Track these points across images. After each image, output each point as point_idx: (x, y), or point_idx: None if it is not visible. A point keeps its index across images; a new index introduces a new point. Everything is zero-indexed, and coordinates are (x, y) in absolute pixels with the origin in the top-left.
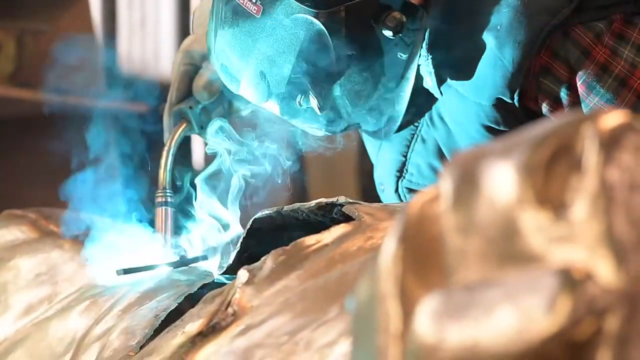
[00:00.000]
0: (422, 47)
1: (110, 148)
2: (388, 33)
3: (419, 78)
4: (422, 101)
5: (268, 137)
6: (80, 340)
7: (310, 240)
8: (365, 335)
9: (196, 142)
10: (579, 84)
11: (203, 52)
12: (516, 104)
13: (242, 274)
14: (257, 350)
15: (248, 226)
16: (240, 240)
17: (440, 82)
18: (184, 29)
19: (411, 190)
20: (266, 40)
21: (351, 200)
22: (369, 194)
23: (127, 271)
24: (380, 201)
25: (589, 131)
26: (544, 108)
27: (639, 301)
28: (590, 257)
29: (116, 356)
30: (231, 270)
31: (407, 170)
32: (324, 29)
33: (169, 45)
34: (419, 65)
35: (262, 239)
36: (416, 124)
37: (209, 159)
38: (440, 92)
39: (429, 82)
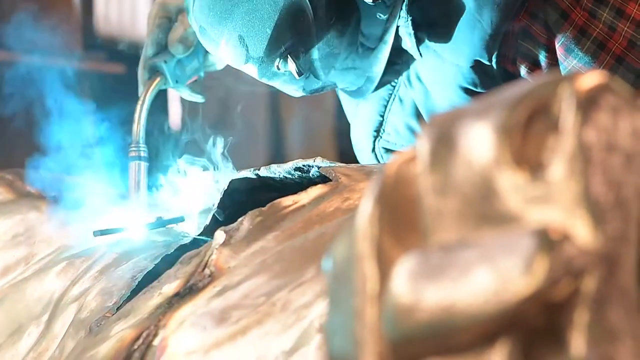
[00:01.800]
0: (401, 9)
1: (86, 108)
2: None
3: (397, 38)
4: (400, 61)
5: (244, 97)
6: (57, 301)
7: (287, 201)
8: (342, 296)
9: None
10: (557, 46)
11: (178, 5)
12: (494, 66)
13: (219, 235)
14: (233, 311)
15: (225, 187)
16: (217, 201)
17: (419, 43)
18: None
19: (388, 150)
20: (246, 4)
21: (328, 162)
22: (346, 154)
23: (104, 232)
24: (357, 162)
25: (566, 92)
26: (523, 70)
27: (615, 262)
28: (568, 218)
29: (93, 317)
30: (208, 232)
31: (384, 130)
32: None
33: (146, 5)
34: (398, 26)
35: (238, 200)
36: (393, 83)
37: (186, 117)
38: (420, 54)
39: (408, 44)
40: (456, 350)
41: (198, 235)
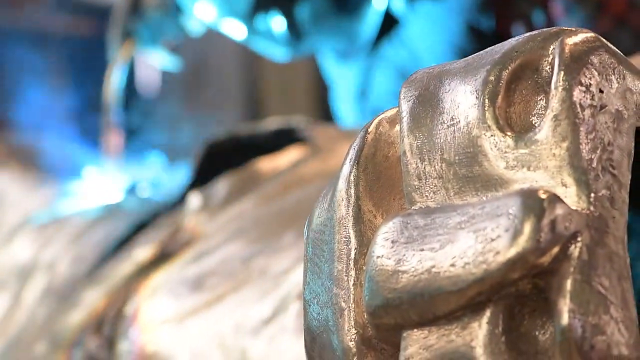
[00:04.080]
0: None
1: (57, 69)
2: None
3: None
4: (388, 23)
5: (219, 56)
6: (27, 268)
7: (265, 163)
8: (321, 263)
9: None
10: (555, 7)
11: None
12: (489, 29)
13: (194, 198)
14: (209, 277)
15: (202, 151)
16: (194, 164)
17: (410, 4)
18: None
19: (371, 113)
20: None
21: (307, 123)
22: (327, 115)
23: (78, 198)
24: (338, 124)
25: (554, 49)
26: (519, 33)
27: (604, 226)
28: (555, 181)
29: (64, 285)
30: (183, 195)
31: (367, 92)
32: None
33: None
34: None
35: (215, 163)
36: (380, 46)
37: (160, 80)
38: (410, 16)
39: (398, 5)
40: (441, 319)
41: (173, 199)
